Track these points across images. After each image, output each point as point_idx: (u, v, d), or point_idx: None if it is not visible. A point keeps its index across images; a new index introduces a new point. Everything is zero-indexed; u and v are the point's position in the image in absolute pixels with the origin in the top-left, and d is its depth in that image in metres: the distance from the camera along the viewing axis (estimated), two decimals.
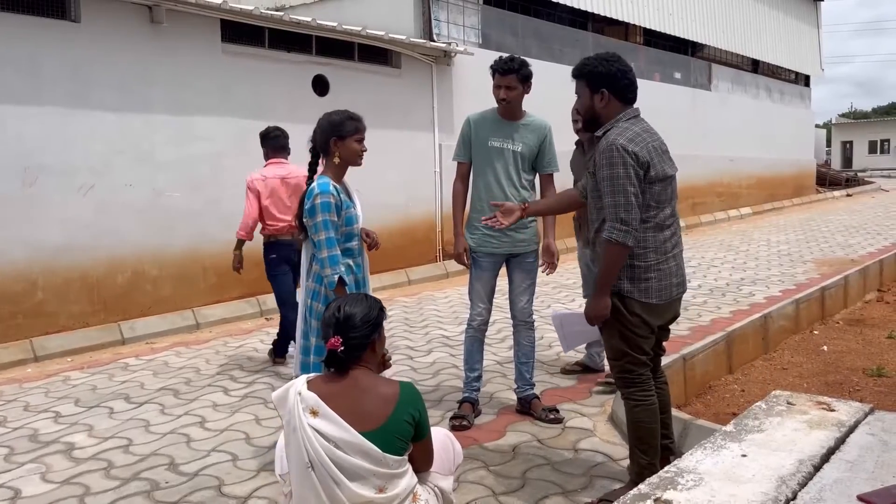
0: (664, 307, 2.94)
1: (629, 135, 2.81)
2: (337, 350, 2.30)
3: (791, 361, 5.09)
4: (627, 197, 2.74)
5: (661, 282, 2.88)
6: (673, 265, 2.93)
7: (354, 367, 2.33)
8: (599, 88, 2.91)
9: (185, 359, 5.80)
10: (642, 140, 2.81)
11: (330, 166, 3.38)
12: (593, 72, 2.92)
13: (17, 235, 5.92)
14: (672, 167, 2.95)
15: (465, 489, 3.22)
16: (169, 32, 6.90)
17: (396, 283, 8.82)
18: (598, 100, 2.93)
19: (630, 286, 2.86)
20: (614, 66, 2.92)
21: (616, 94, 2.92)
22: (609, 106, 2.93)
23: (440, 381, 4.91)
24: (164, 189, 6.92)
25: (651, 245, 2.86)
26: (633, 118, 2.92)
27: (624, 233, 2.75)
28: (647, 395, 2.97)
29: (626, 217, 2.74)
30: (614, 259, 2.80)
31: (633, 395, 2.98)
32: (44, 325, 6.07)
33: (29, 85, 6.00)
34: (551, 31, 12.47)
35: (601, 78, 2.91)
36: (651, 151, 2.81)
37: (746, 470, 1.81)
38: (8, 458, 3.81)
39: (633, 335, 2.91)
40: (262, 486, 3.37)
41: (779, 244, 11.88)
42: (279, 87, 7.91)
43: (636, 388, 2.97)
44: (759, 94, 19.14)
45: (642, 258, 2.85)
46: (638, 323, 2.89)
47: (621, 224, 2.74)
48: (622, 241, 2.75)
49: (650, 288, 2.86)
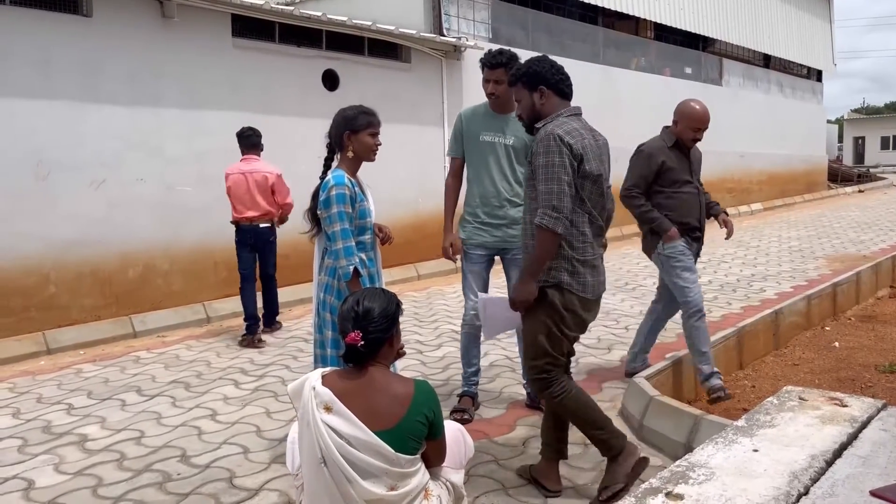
0: (594, 303, 3.01)
1: (567, 128, 2.88)
2: (357, 345, 2.28)
3: (802, 357, 5.07)
4: (561, 185, 2.78)
5: (595, 277, 2.96)
6: (600, 263, 3.02)
7: (371, 363, 2.33)
8: (537, 86, 3.00)
9: (196, 352, 5.83)
10: (578, 135, 2.88)
11: (344, 160, 3.40)
12: (528, 73, 3.03)
13: (30, 229, 5.96)
14: (603, 170, 2.98)
15: (476, 483, 3.23)
16: (180, 27, 6.92)
17: (406, 278, 8.83)
18: (537, 98, 3.01)
19: (570, 279, 2.90)
20: (545, 63, 3.04)
21: (553, 89, 3.00)
22: (548, 102, 3.01)
23: (450, 376, 4.92)
24: (175, 183, 6.95)
25: (589, 240, 2.93)
26: (572, 115, 2.99)
27: (555, 220, 2.78)
28: (567, 385, 3.01)
29: (559, 205, 2.78)
30: (545, 246, 2.83)
31: (554, 392, 3.00)
32: (56, 319, 6.12)
33: (41, 79, 6.03)
34: (561, 25, 12.44)
35: (536, 76, 3.00)
36: (586, 148, 2.87)
37: (758, 465, 1.81)
38: (21, 450, 3.85)
39: (561, 334, 2.93)
40: (273, 478, 3.39)
41: (790, 240, 11.82)
42: (289, 82, 7.92)
43: (554, 384, 3.00)
44: (770, 89, 19.02)
45: (581, 251, 2.90)
46: (571, 321, 2.92)
47: (553, 211, 2.78)
48: (552, 228, 2.78)
49: (587, 283, 2.92)
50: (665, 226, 4.21)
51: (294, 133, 7.78)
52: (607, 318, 6.52)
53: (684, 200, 4.28)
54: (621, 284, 8.21)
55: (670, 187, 4.27)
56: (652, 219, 4.26)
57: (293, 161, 7.73)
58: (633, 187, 4.31)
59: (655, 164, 4.23)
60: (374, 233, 3.51)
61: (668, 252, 4.25)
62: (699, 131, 4.27)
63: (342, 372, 2.37)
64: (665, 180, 4.26)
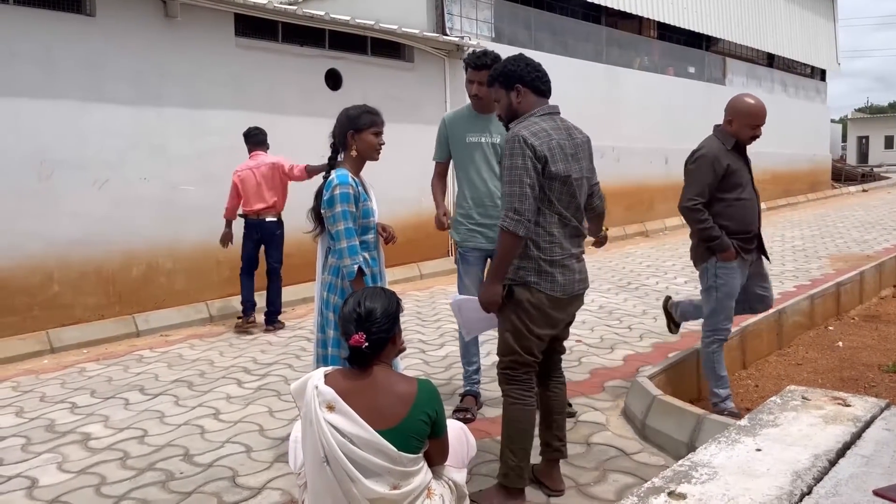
0: (567, 302, 2.97)
1: (534, 129, 2.86)
2: (361, 346, 2.28)
3: (806, 357, 5.06)
4: (523, 188, 2.77)
5: (566, 276, 2.92)
6: (574, 262, 2.97)
7: (374, 362, 2.33)
8: (513, 85, 2.99)
9: (199, 351, 5.84)
10: (545, 136, 2.85)
11: (347, 160, 3.40)
12: (504, 72, 3.02)
13: (33, 228, 5.97)
14: (576, 170, 2.94)
15: (478, 482, 3.23)
16: (183, 26, 6.92)
17: (409, 277, 8.84)
18: (514, 96, 3.00)
19: (537, 278, 2.89)
20: (521, 62, 3.03)
21: (529, 88, 2.99)
22: (525, 100, 2.99)
23: (452, 375, 4.92)
24: (178, 183, 6.96)
25: (557, 240, 2.90)
26: (545, 115, 2.97)
27: (516, 222, 2.77)
28: (526, 395, 2.98)
29: (520, 207, 2.77)
30: (507, 248, 2.83)
31: (511, 392, 2.99)
32: (60, 317, 6.13)
33: (44, 79, 6.04)
34: (564, 24, 12.43)
35: (512, 76, 2.99)
36: (553, 148, 2.84)
37: (761, 464, 1.80)
38: (25, 448, 3.86)
39: (528, 333, 2.92)
40: (275, 477, 3.40)
41: (793, 239, 11.80)
42: (292, 81, 7.92)
43: (516, 385, 2.98)
44: (774, 88, 18.99)
45: (549, 252, 2.89)
46: (539, 320, 2.90)
47: (514, 213, 2.77)
48: (513, 230, 2.77)
49: (556, 281, 2.90)
50: (724, 245, 3.80)
51: (297, 132, 7.78)
52: (610, 317, 6.52)
53: (746, 207, 3.88)
54: (624, 284, 8.20)
55: (732, 192, 3.83)
56: (712, 237, 3.81)
57: (296, 160, 7.74)
58: (696, 197, 3.82)
59: (721, 169, 3.78)
60: (378, 232, 3.51)
61: (720, 272, 3.88)
62: (757, 128, 3.88)
63: (345, 371, 2.37)
64: (727, 185, 3.82)
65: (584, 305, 6.98)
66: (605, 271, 9.17)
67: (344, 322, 2.37)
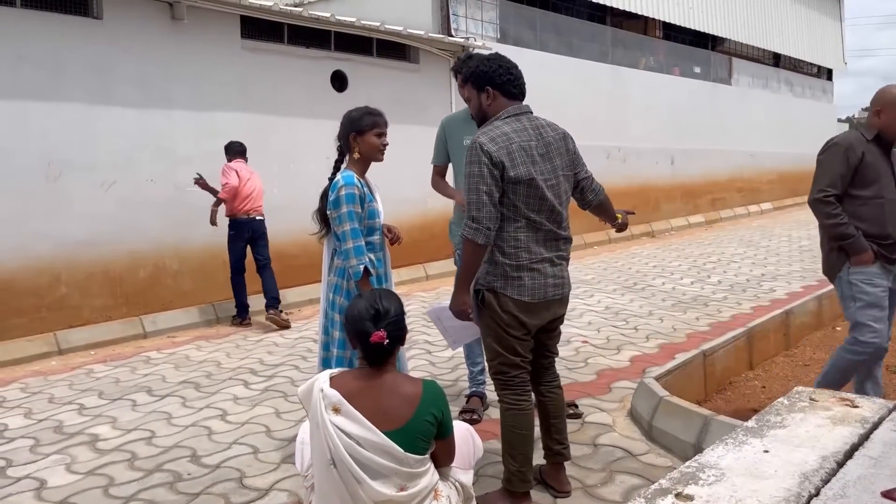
0: (540, 306, 2.91)
1: (494, 134, 2.83)
2: (383, 342, 2.30)
3: (813, 358, 5.04)
4: (479, 196, 2.75)
5: (535, 280, 2.87)
6: (548, 267, 2.91)
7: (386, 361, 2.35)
8: (484, 87, 2.96)
9: (206, 352, 5.86)
10: (505, 140, 2.81)
11: (352, 162, 3.41)
12: (475, 72, 2.98)
13: (41, 230, 6.00)
14: (545, 170, 2.88)
15: (485, 483, 3.23)
16: (189, 29, 6.95)
17: (414, 278, 8.85)
18: (484, 98, 2.98)
19: (503, 283, 2.87)
20: (494, 63, 2.97)
21: (500, 90, 2.95)
22: (495, 103, 2.97)
23: (458, 376, 4.93)
24: (185, 184, 6.97)
25: (523, 244, 2.86)
26: (511, 116, 2.93)
27: (474, 230, 2.75)
28: (521, 399, 2.96)
29: (477, 215, 2.75)
30: (468, 256, 2.82)
31: (505, 398, 2.98)
32: (67, 319, 6.16)
33: (52, 81, 6.07)
34: (569, 25, 12.42)
35: (483, 77, 2.96)
36: (512, 152, 2.79)
37: (769, 466, 1.80)
38: (33, 450, 3.88)
39: (506, 335, 2.90)
40: (282, 478, 3.40)
41: (800, 240, 11.76)
42: (298, 83, 7.94)
43: (509, 390, 2.96)
44: (780, 88, 18.94)
45: (514, 257, 2.85)
46: (511, 322, 2.88)
47: (472, 222, 2.76)
48: (472, 239, 2.76)
49: (524, 286, 2.86)
50: (859, 246, 3.41)
51: (303, 134, 7.80)
52: (616, 318, 6.51)
53: (884, 208, 3.46)
54: (630, 285, 8.19)
55: (868, 189, 3.44)
56: (845, 235, 3.42)
57: (301, 161, 7.77)
58: (828, 188, 3.45)
59: (855, 159, 3.42)
60: (384, 233, 3.51)
61: (855, 278, 3.48)
62: None
63: (351, 373, 2.38)
64: (863, 180, 3.44)
65: (590, 306, 7.03)
66: (610, 272, 9.16)
67: (359, 320, 2.37)
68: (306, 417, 2.38)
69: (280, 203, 7.46)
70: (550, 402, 3.17)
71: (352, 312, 2.39)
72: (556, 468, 3.17)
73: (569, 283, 3.05)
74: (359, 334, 2.34)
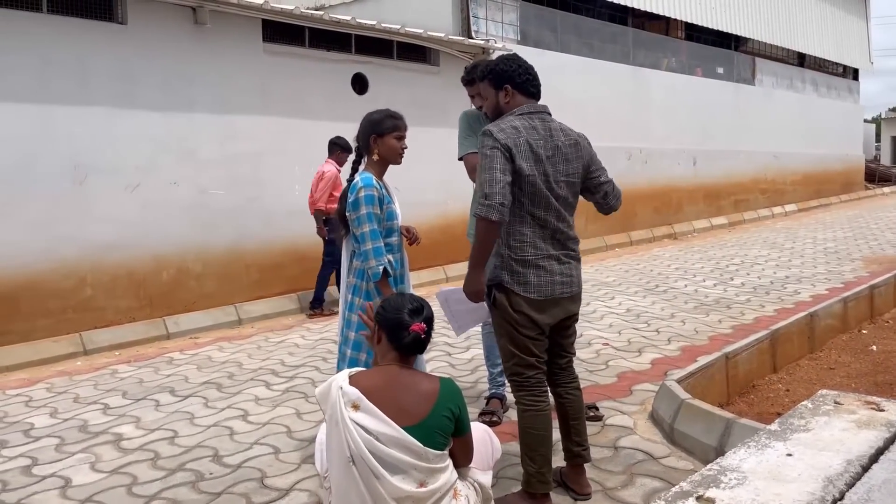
0: (549, 304, 2.91)
1: (503, 125, 2.87)
2: (421, 335, 2.37)
3: (838, 361, 4.97)
4: (492, 173, 2.75)
5: (542, 278, 2.88)
6: (555, 265, 2.91)
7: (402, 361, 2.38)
8: (503, 85, 2.99)
9: (228, 353, 5.91)
10: (513, 132, 2.84)
11: (370, 164, 3.43)
12: (494, 70, 3.02)
13: (68, 232, 6.09)
14: (548, 172, 2.88)
15: (504, 485, 3.23)
16: (212, 33, 7.02)
17: (434, 280, 8.85)
18: (502, 96, 3.01)
19: (510, 278, 2.88)
20: (514, 63, 3.02)
21: (518, 89, 2.99)
22: (512, 101, 3.00)
23: (478, 378, 4.92)
24: (208, 187, 7.05)
25: (529, 239, 2.87)
26: (524, 114, 2.95)
27: (487, 207, 2.73)
28: (538, 400, 2.95)
29: (489, 191, 2.74)
30: (482, 234, 2.81)
31: (522, 399, 2.96)
32: (92, 320, 6.24)
33: (78, 86, 6.16)
34: (590, 26, 12.37)
35: (502, 75, 2.99)
36: (519, 145, 2.82)
37: (792, 469, 1.77)
38: (59, 448, 3.93)
39: (520, 335, 2.90)
40: (303, 478, 3.42)
41: (825, 241, 11.61)
42: (319, 86, 7.99)
43: (526, 391, 2.95)
44: (805, 88, 18.71)
45: (519, 251, 2.87)
46: (523, 321, 2.88)
47: (485, 199, 2.75)
48: (486, 216, 2.74)
49: (530, 283, 2.86)
50: None
51: (324, 137, 7.82)
52: (638, 320, 6.47)
53: None
54: (652, 287, 8.13)
55: None
56: None
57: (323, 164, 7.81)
58: None
59: None
60: (402, 233, 3.53)
61: None
62: None
63: (368, 372, 2.41)
64: None
65: (611, 308, 6.99)
66: (632, 274, 9.10)
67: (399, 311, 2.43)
68: (325, 420, 2.40)
69: (300, 205, 7.50)
70: (569, 404, 3.16)
71: (391, 304, 2.45)
72: (576, 470, 3.16)
73: (579, 282, 3.05)
74: (398, 324, 2.40)
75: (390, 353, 2.42)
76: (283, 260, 7.57)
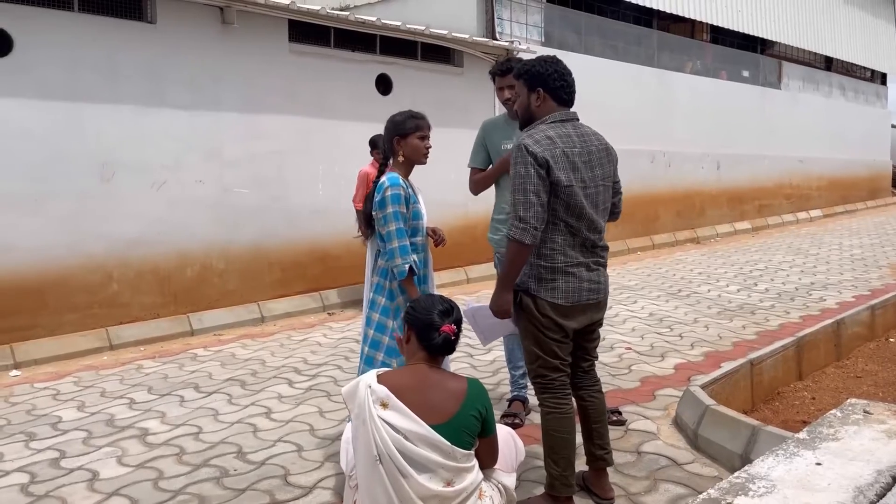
0: (575, 310, 2.91)
1: (538, 136, 2.83)
2: (451, 336, 2.39)
3: (865, 370, 4.91)
4: (527, 196, 2.75)
5: (570, 284, 2.87)
6: (584, 272, 2.91)
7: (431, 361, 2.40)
8: (535, 87, 2.97)
9: (251, 351, 5.96)
10: (550, 144, 2.82)
11: (396, 165, 3.48)
12: (530, 71, 2.99)
13: (95, 228, 6.17)
14: (585, 178, 2.87)
15: (527, 488, 3.23)
16: (239, 33, 7.08)
17: (455, 281, 8.86)
18: (533, 99, 2.99)
19: (537, 285, 2.88)
20: (551, 67, 2.97)
21: (551, 94, 2.96)
22: (543, 105, 2.97)
23: (500, 380, 4.92)
24: (232, 185, 7.11)
25: (559, 247, 2.86)
26: (557, 122, 2.93)
27: (521, 230, 2.75)
28: (561, 403, 2.94)
29: (524, 215, 2.74)
30: (513, 256, 2.82)
31: (546, 402, 2.96)
32: (118, 315, 6.32)
33: (107, 84, 6.25)
34: (615, 28, 12.31)
35: (538, 77, 2.96)
36: (556, 157, 2.80)
37: (821, 479, 1.76)
38: (86, 442, 3.99)
39: (545, 337, 2.90)
40: (326, 476, 3.45)
41: (851, 248, 11.46)
42: (343, 86, 8.03)
43: (549, 394, 2.95)
44: (832, 92, 18.48)
45: (549, 259, 2.86)
46: (549, 325, 2.88)
47: (519, 222, 2.75)
48: (518, 239, 2.75)
49: (557, 288, 2.86)
50: None
51: (347, 136, 7.88)
52: (661, 325, 6.43)
53: None
54: (675, 291, 8.08)
55: None
56: None
57: (346, 164, 7.85)
58: None
59: None
60: (428, 234, 3.55)
61: None
62: None
63: (397, 371, 2.43)
64: None
65: (633, 313, 6.96)
66: (654, 278, 9.05)
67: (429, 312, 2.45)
68: (349, 418, 2.42)
69: (323, 204, 7.55)
70: (591, 407, 3.15)
71: (422, 305, 2.47)
72: (598, 474, 3.15)
73: (606, 289, 3.05)
74: (429, 325, 2.42)
75: (419, 352, 2.44)
76: (305, 259, 7.61)
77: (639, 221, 11.76)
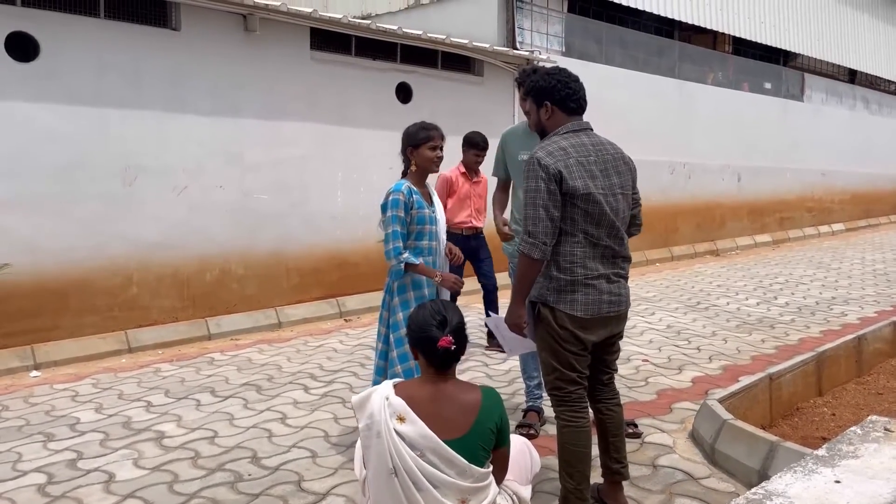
0: (595, 322, 2.88)
1: (551, 148, 2.83)
2: (450, 348, 2.36)
3: (887, 387, 4.84)
4: (537, 210, 2.75)
5: (589, 296, 2.85)
6: (604, 284, 2.88)
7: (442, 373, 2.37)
8: (543, 102, 2.98)
9: (268, 356, 5.98)
10: (562, 154, 2.80)
11: (411, 174, 3.66)
12: (535, 86, 3.00)
13: (117, 232, 6.24)
14: (603, 186, 2.85)
15: (540, 499, 3.21)
16: (261, 40, 7.15)
17: (471, 290, 8.84)
18: (543, 113, 2.99)
19: (556, 297, 2.85)
20: (554, 78, 2.97)
21: (558, 105, 2.96)
22: (553, 118, 2.97)
23: (515, 390, 4.90)
24: (252, 191, 7.16)
25: (579, 259, 2.84)
26: (569, 132, 2.92)
27: (531, 245, 2.75)
28: (577, 416, 2.91)
29: (534, 230, 2.74)
30: (523, 270, 2.83)
31: (562, 415, 2.94)
32: (137, 318, 6.38)
33: (131, 89, 6.33)
34: (636, 39, 12.28)
35: (543, 91, 2.98)
36: (570, 166, 2.78)
37: (840, 497, 1.74)
38: (103, 444, 4.03)
39: (563, 350, 2.87)
40: (340, 483, 3.45)
41: (874, 263, 11.31)
42: (364, 94, 8.07)
43: (566, 407, 2.92)
44: (855, 105, 18.29)
45: (568, 272, 2.83)
46: (567, 337, 2.85)
47: (529, 237, 2.76)
48: (528, 254, 2.76)
49: (576, 301, 2.84)
50: None
51: (367, 144, 7.92)
52: (678, 337, 6.38)
53: None
54: (693, 303, 8.01)
55: None
56: None
57: (365, 171, 7.89)
58: None
59: None
60: (445, 254, 3.72)
61: None
62: None
63: (412, 383, 2.42)
64: None
65: (651, 325, 6.91)
66: (673, 290, 8.98)
67: (424, 327, 2.42)
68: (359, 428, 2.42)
69: (343, 211, 7.58)
70: (609, 420, 3.13)
71: (416, 319, 2.43)
72: (613, 487, 3.13)
73: (627, 301, 3.01)
74: (425, 340, 2.37)
75: (429, 367, 2.42)
76: (323, 265, 7.64)
77: (658, 233, 11.69)
